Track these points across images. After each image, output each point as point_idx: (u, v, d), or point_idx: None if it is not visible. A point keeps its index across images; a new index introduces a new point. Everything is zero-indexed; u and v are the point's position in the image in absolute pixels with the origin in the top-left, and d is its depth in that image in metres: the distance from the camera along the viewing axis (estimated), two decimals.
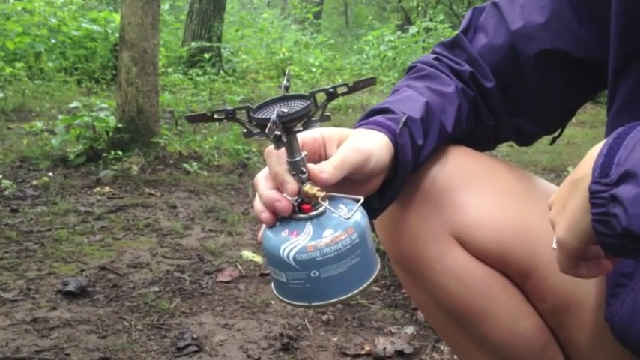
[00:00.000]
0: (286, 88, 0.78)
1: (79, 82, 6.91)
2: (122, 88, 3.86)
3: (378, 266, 0.80)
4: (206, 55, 7.38)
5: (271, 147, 0.76)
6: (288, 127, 0.74)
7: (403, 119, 0.87)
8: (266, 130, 0.72)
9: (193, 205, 3.09)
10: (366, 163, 0.80)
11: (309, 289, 0.75)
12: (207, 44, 8.09)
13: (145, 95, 3.83)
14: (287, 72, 0.81)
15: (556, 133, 1.08)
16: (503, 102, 1.00)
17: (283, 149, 0.76)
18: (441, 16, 11.06)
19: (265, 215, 0.77)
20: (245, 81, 8.00)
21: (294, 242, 0.74)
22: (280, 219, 0.78)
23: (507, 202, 0.95)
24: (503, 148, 4.48)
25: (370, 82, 0.80)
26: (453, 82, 0.98)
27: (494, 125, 1.03)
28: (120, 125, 3.76)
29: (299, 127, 0.76)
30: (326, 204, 0.76)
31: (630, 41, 0.80)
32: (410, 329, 1.83)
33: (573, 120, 1.04)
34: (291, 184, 0.75)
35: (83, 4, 9.63)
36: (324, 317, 1.90)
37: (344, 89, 0.77)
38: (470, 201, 0.93)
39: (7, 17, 8.00)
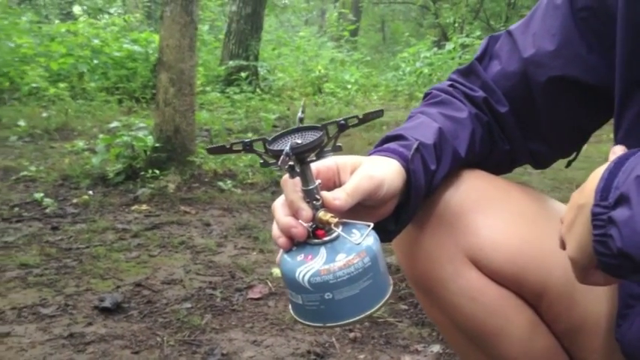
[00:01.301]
0: (301, 120, 0.82)
1: (119, 101, 7.09)
2: (160, 108, 3.96)
3: (391, 288, 0.83)
4: (242, 74, 7.50)
5: (287, 176, 0.81)
6: (301, 157, 0.78)
7: (415, 145, 0.90)
8: (279, 162, 0.76)
9: (227, 223, 3.15)
10: (379, 189, 0.84)
11: (324, 311, 0.79)
12: (245, 63, 8.23)
13: (181, 115, 3.93)
14: (302, 104, 0.85)
15: (572, 157, 1.10)
16: (517, 127, 1.03)
17: (298, 178, 0.80)
18: (478, 32, 11.08)
19: (282, 240, 0.82)
20: (281, 99, 8.10)
21: (309, 266, 0.78)
22: (296, 244, 0.82)
23: (521, 224, 0.97)
24: None
25: (379, 114, 0.84)
26: (467, 107, 1.02)
27: (510, 149, 1.05)
28: (157, 144, 3.86)
29: (312, 157, 0.80)
30: (339, 230, 0.80)
31: (634, 68, 0.83)
32: (436, 348, 1.84)
33: (611, 135, 1.04)
34: (306, 211, 0.80)
35: (125, 25, 9.90)
36: (351, 335, 1.93)
37: (354, 121, 0.82)
38: (483, 223, 0.96)
39: (51, 38, 8.28)
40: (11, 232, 2.90)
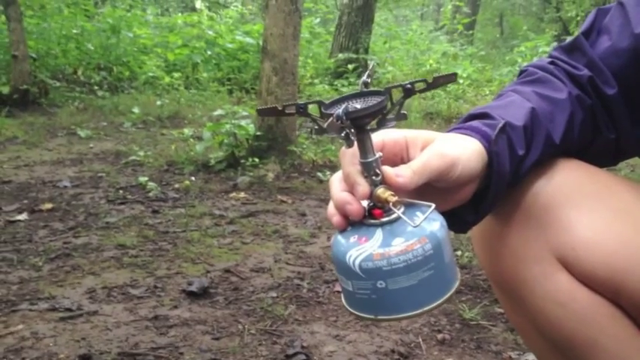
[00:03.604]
0: (365, 84, 0.73)
1: (230, 91, 7.24)
2: (262, 97, 3.97)
3: (457, 283, 0.73)
4: (350, 66, 7.45)
5: (345, 146, 0.72)
6: (359, 124, 0.69)
7: (500, 125, 0.79)
8: (325, 125, 0.67)
9: (322, 214, 3.10)
10: (451, 169, 0.73)
11: (376, 301, 0.70)
12: (354, 56, 8.17)
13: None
14: (370, 67, 0.76)
15: None
16: (626, 111, 0.89)
17: (358, 149, 0.71)
18: None
19: (337, 219, 0.73)
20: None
21: (361, 249, 0.69)
22: (352, 224, 0.73)
23: (622, 224, 0.84)
24: None
25: (451, 78, 0.74)
26: (567, 88, 0.89)
27: (616, 138, 0.91)
28: (259, 133, 3.87)
29: (373, 125, 0.71)
30: (400, 210, 0.70)
31: None
32: (531, 356, 1.69)
33: None
34: (362, 186, 0.70)
35: (239, 17, 10.12)
36: (440, 336, 1.81)
37: (422, 85, 0.72)
38: (578, 220, 0.83)
39: (170, 29, 8.59)
40: (114, 213, 2.98)
